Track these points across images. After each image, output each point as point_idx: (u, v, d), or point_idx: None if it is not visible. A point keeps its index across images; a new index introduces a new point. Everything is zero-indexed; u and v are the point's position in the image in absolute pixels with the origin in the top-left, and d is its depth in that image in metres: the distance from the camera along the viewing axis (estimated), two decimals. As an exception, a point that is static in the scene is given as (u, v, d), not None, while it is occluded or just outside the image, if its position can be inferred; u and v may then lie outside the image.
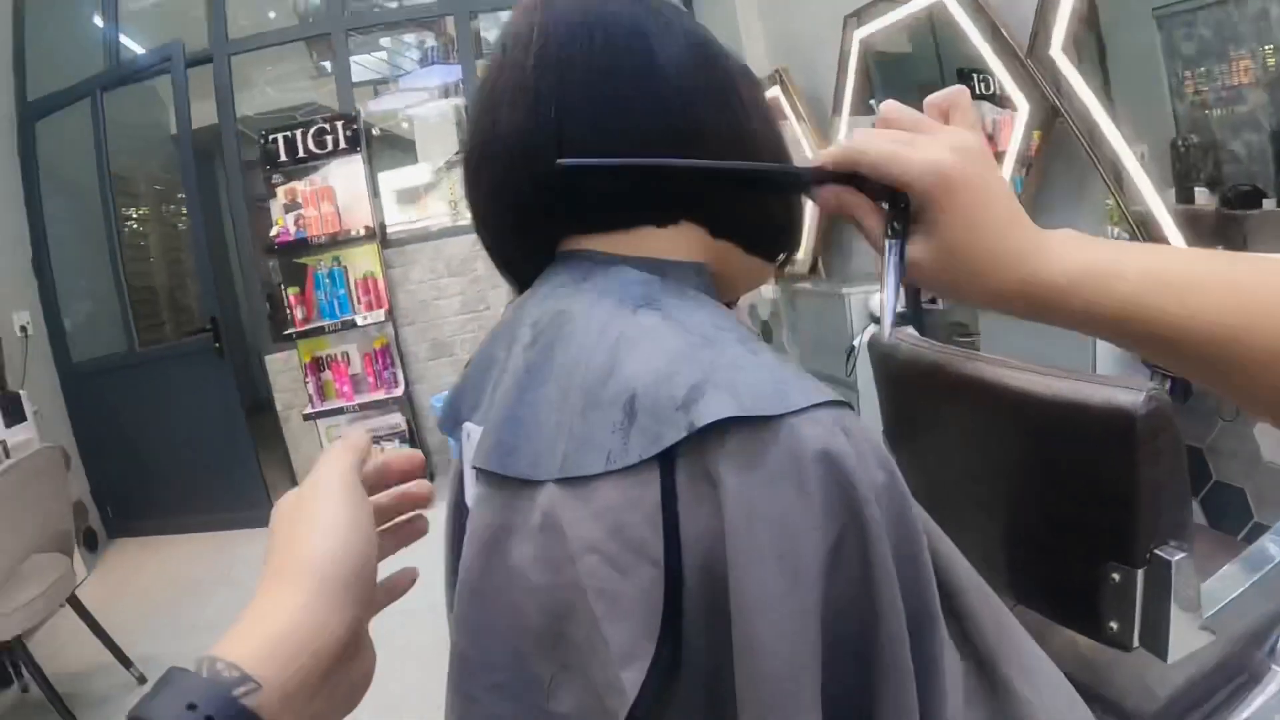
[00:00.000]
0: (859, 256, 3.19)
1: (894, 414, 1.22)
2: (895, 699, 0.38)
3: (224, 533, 3.80)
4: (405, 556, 0.47)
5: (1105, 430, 0.82)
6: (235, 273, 5.17)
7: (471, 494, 0.52)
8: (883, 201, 0.43)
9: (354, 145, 3.88)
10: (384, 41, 4.91)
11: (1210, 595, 0.89)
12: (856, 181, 0.43)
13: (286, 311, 3.84)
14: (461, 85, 4.39)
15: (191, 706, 0.29)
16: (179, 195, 4.74)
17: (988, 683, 0.45)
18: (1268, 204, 1.51)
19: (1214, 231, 1.59)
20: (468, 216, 0.68)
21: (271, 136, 3.84)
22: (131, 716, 0.29)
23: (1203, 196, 1.63)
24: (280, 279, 3.93)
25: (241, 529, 3.73)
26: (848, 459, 0.37)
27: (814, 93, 3.05)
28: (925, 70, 2.52)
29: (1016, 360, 0.93)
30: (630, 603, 0.39)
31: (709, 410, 0.38)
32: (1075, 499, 0.91)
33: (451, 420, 0.56)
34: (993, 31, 2.02)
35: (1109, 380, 0.83)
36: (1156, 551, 0.84)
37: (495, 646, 0.47)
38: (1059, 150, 1.96)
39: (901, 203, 0.42)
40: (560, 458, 0.43)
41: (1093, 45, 1.79)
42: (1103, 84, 1.77)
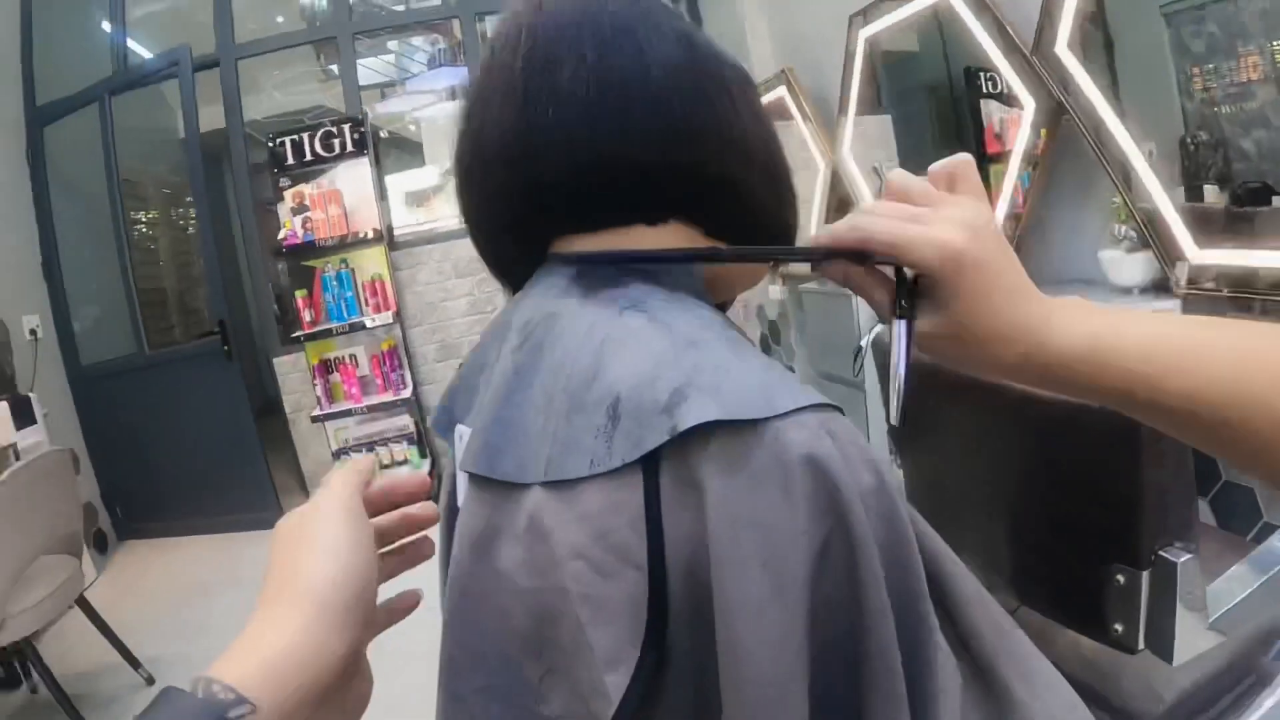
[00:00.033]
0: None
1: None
2: (885, 704, 0.37)
3: (233, 534, 3.82)
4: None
5: (1109, 431, 0.81)
6: (244, 275, 5.22)
7: (462, 496, 0.51)
8: (891, 276, 0.43)
9: (361, 148, 3.89)
10: (391, 44, 4.92)
11: (1218, 596, 0.88)
12: (864, 257, 0.43)
13: (295, 314, 3.86)
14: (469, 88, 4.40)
15: None
16: (187, 199, 4.79)
17: (985, 685, 0.44)
18: (1277, 201, 1.49)
19: (1223, 229, 1.58)
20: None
21: (279, 140, 3.86)
22: None
23: (1212, 194, 1.61)
24: (288, 281, 3.95)
25: (250, 530, 3.75)
26: (833, 462, 0.37)
27: (820, 93, 3.04)
28: (931, 69, 2.50)
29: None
30: (615, 607, 0.39)
31: (692, 414, 0.38)
32: (1079, 500, 0.90)
33: (445, 422, 0.56)
34: (998, 29, 2.01)
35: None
36: (1161, 553, 0.83)
37: (483, 648, 0.47)
38: (1066, 148, 1.95)
39: (910, 281, 0.42)
40: (545, 461, 0.42)
41: (1100, 42, 1.77)
42: (1110, 81, 1.75)
